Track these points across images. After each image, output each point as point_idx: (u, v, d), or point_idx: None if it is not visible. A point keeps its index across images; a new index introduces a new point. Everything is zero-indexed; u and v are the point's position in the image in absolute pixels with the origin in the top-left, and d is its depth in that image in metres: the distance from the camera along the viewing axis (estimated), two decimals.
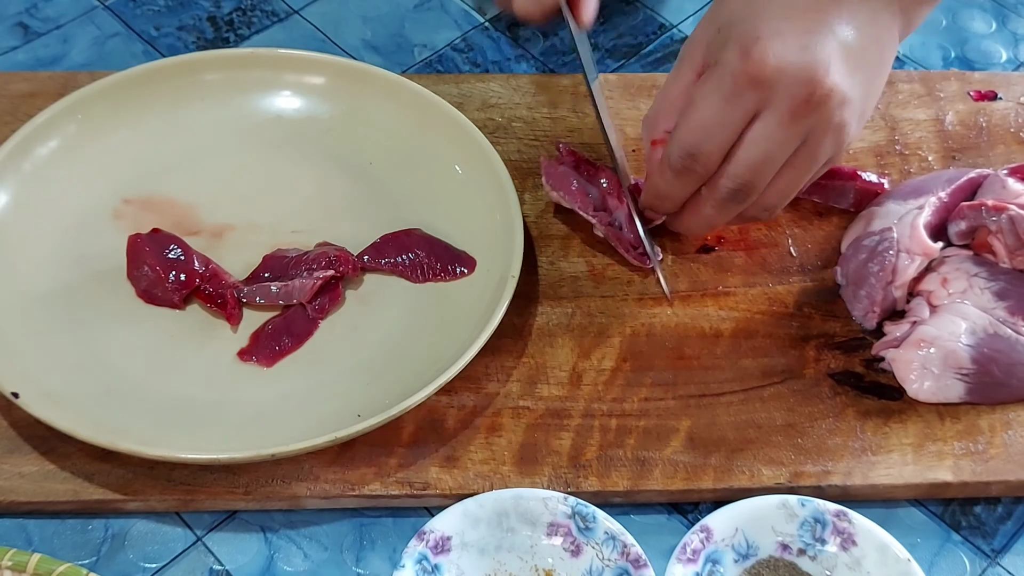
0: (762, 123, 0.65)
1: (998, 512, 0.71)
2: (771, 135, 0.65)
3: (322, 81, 0.84)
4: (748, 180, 0.67)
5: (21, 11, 0.94)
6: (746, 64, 0.63)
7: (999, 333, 0.71)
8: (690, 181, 0.69)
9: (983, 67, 0.95)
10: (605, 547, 0.66)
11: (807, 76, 0.63)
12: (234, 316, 0.73)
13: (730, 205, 0.69)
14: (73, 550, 0.66)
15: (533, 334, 0.75)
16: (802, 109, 0.63)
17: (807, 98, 0.63)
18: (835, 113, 0.65)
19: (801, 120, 0.64)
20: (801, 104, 0.63)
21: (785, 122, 0.64)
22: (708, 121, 0.65)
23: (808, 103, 0.63)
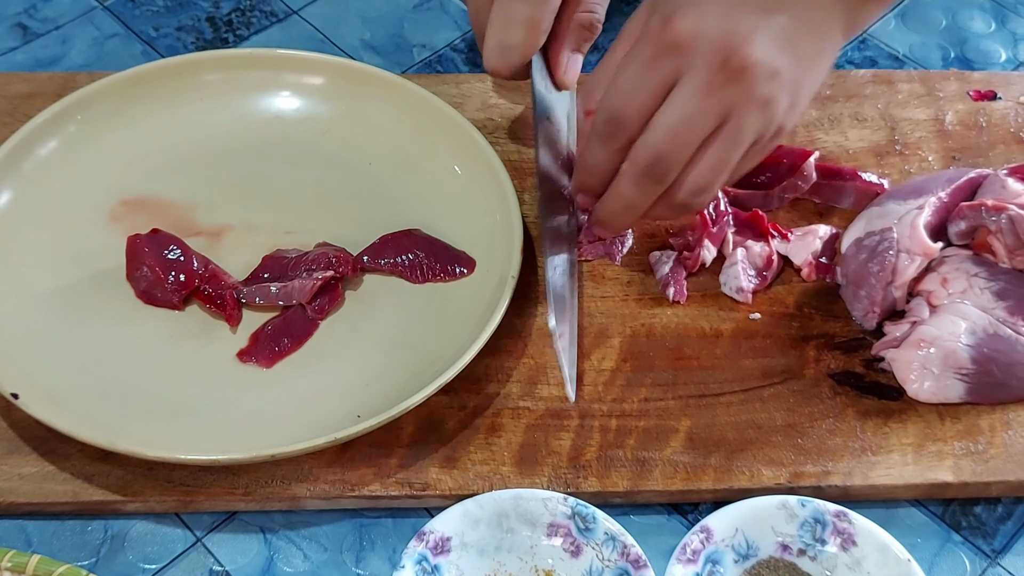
0: (680, 89, 0.63)
1: (998, 512, 0.71)
2: (687, 101, 0.63)
3: (321, 81, 0.83)
4: (665, 149, 0.64)
5: (20, 12, 0.94)
6: (666, 30, 0.63)
7: (999, 333, 0.71)
8: (613, 149, 0.67)
9: (983, 67, 0.95)
10: (605, 548, 0.66)
11: (724, 43, 0.62)
12: (233, 317, 0.72)
13: (648, 183, 0.66)
14: (73, 551, 0.66)
15: (533, 334, 0.74)
16: (719, 77, 0.62)
17: (723, 65, 0.62)
18: (760, 86, 0.63)
19: (719, 89, 0.62)
20: (718, 70, 0.62)
21: (701, 89, 0.63)
22: (629, 86, 0.65)
23: (724, 70, 0.62)
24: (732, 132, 0.64)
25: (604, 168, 0.68)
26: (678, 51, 0.63)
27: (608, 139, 0.67)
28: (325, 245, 0.76)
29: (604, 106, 0.66)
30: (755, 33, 0.62)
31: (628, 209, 0.69)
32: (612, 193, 0.69)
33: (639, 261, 0.78)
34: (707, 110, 0.63)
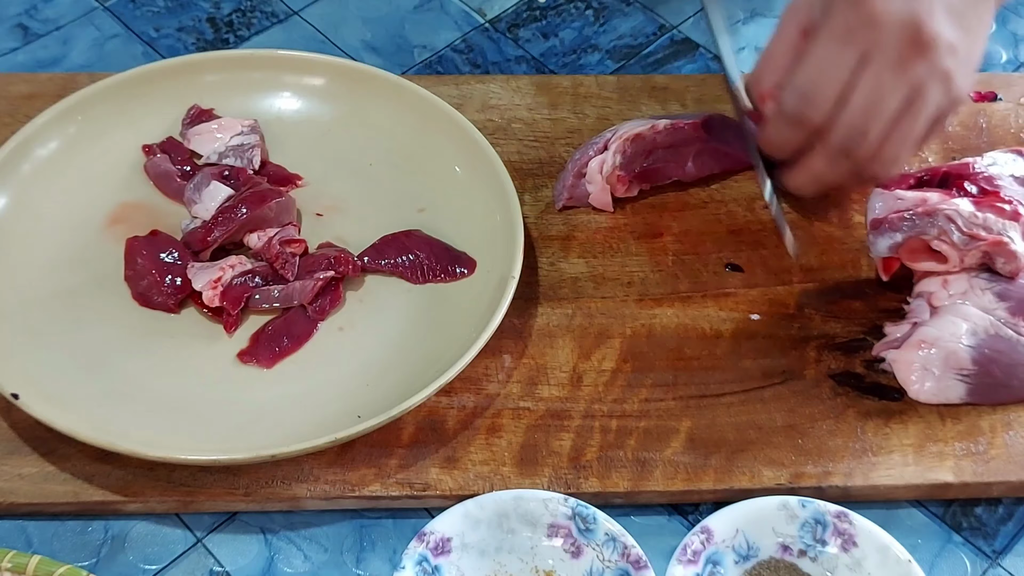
0: (872, 66, 0.67)
1: (999, 513, 0.71)
2: (880, 77, 0.67)
3: (322, 82, 0.83)
4: (859, 128, 0.68)
5: (21, 12, 0.94)
6: (856, 10, 0.67)
7: (1000, 334, 0.71)
8: (803, 128, 0.70)
9: (983, 68, 0.94)
10: (605, 548, 0.66)
11: (913, 19, 0.66)
12: (230, 322, 0.72)
13: (841, 157, 0.70)
14: (73, 552, 0.66)
15: (533, 335, 0.74)
16: (909, 51, 0.66)
17: (913, 39, 0.66)
18: (942, 59, 0.67)
19: (909, 64, 0.67)
20: (908, 46, 0.66)
21: (894, 64, 0.67)
22: (821, 65, 0.68)
23: (915, 45, 0.66)
24: (920, 105, 0.68)
25: (792, 144, 0.72)
26: (869, 28, 0.67)
27: (799, 119, 0.70)
28: (326, 245, 0.76)
29: (796, 86, 0.69)
30: (935, 9, 0.67)
31: (818, 181, 0.73)
32: (804, 168, 0.72)
33: (639, 262, 0.78)
34: (898, 84, 0.67)
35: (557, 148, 0.84)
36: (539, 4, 0.97)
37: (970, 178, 0.75)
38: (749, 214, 0.81)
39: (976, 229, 0.71)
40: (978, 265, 0.73)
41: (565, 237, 0.80)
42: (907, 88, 0.68)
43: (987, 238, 0.71)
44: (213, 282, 0.72)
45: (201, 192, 0.76)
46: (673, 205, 0.81)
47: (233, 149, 0.79)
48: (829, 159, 0.71)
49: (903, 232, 0.73)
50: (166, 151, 0.80)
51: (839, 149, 0.70)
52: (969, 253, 0.72)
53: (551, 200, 0.81)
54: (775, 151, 0.74)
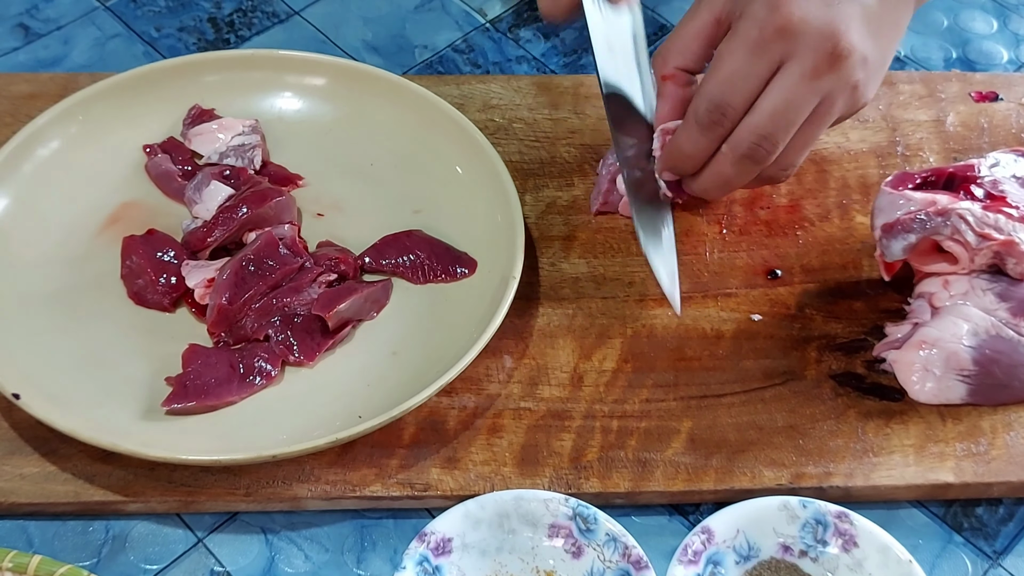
0: (785, 75, 0.66)
1: (1000, 513, 0.71)
2: (794, 87, 0.66)
3: (323, 82, 0.83)
4: (768, 133, 0.67)
5: (22, 12, 0.94)
6: (773, 16, 0.65)
7: (1001, 335, 0.71)
8: (715, 136, 0.69)
9: (984, 68, 0.95)
10: (606, 548, 0.66)
11: (830, 31, 0.65)
12: (218, 327, 0.72)
13: (748, 163, 0.69)
14: (74, 552, 0.66)
15: (534, 335, 0.74)
16: (824, 63, 0.65)
17: (830, 52, 0.65)
18: (854, 72, 0.67)
19: (822, 75, 0.66)
20: (823, 58, 0.65)
21: (807, 75, 0.66)
22: (735, 72, 0.67)
23: (830, 57, 0.65)
24: (824, 114, 0.68)
25: (701, 154, 0.71)
26: (785, 37, 0.65)
27: (711, 127, 0.69)
28: (327, 245, 0.76)
29: (709, 94, 0.68)
30: (853, 19, 0.66)
31: (725, 186, 0.72)
32: (710, 172, 0.71)
33: (640, 262, 0.78)
34: (810, 95, 0.66)
35: (558, 148, 0.84)
36: None
37: (975, 180, 0.74)
38: (749, 214, 0.81)
39: (988, 229, 0.71)
40: (987, 266, 0.73)
41: (566, 237, 0.80)
42: (817, 98, 0.67)
43: (999, 238, 0.71)
44: (207, 281, 0.72)
45: (201, 192, 0.76)
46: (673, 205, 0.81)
47: (234, 149, 0.80)
48: (736, 163, 0.69)
49: (916, 233, 0.72)
50: (167, 151, 0.80)
51: (746, 154, 0.68)
52: (980, 253, 0.72)
53: (552, 200, 0.81)
54: (685, 160, 0.71)
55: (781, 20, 0.65)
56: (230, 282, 0.71)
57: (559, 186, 0.82)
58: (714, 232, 0.80)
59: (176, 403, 0.68)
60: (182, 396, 0.68)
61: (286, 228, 0.75)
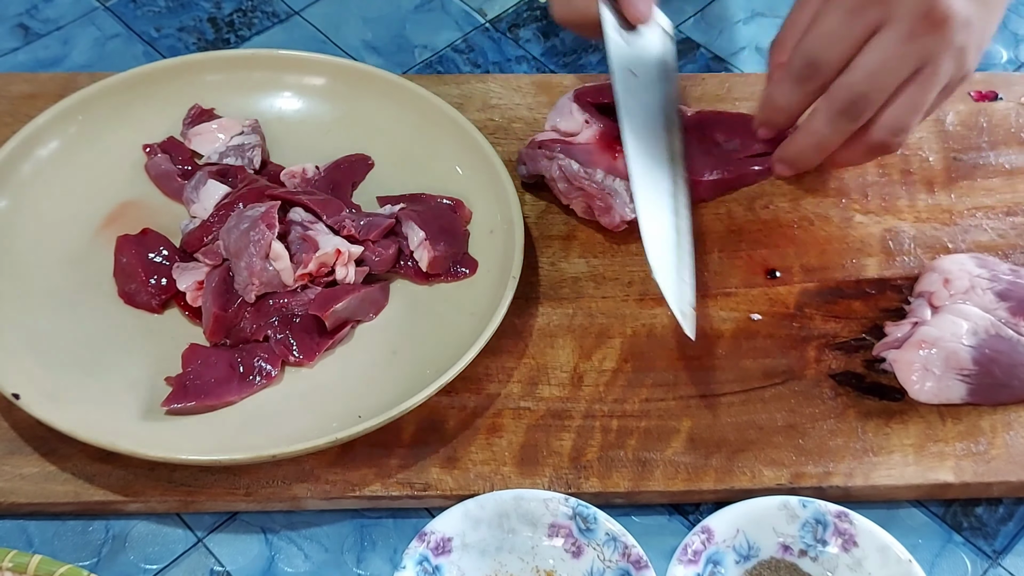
0: (882, 36, 0.66)
1: (999, 513, 0.71)
2: (889, 47, 0.66)
3: (323, 82, 0.83)
4: (863, 90, 0.67)
5: (21, 12, 0.94)
6: None
7: (1001, 334, 0.71)
8: (808, 91, 0.70)
9: (984, 67, 0.95)
10: (606, 548, 0.66)
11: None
12: (216, 333, 0.72)
13: (844, 120, 0.68)
14: (74, 551, 0.66)
15: (534, 335, 0.74)
16: (922, 26, 0.65)
17: (927, 14, 0.65)
18: (956, 35, 0.66)
19: (920, 37, 0.66)
20: (921, 20, 0.65)
21: (904, 37, 0.66)
22: (831, 31, 0.67)
23: (927, 19, 0.65)
24: (928, 76, 0.67)
25: (795, 108, 0.71)
26: (883, 1, 0.65)
27: (804, 81, 0.69)
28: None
29: (803, 48, 0.68)
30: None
31: (819, 146, 0.71)
32: (805, 130, 0.71)
33: (640, 261, 0.78)
34: (907, 56, 0.66)
35: None
36: (540, 4, 0.97)
37: None
38: (749, 213, 0.81)
39: (581, 182, 0.76)
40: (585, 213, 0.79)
41: (566, 237, 0.80)
42: (916, 60, 0.67)
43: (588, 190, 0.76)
44: (198, 283, 0.72)
45: (199, 191, 0.76)
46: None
47: (234, 149, 0.79)
48: (831, 120, 0.69)
49: (528, 165, 0.79)
50: (167, 151, 0.80)
51: (840, 110, 0.68)
52: (573, 200, 0.78)
53: (552, 200, 0.81)
54: (777, 113, 0.72)
55: None
56: (219, 290, 0.71)
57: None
58: (713, 231, 0.80)
59: (176, 403, 0.68)
60: (182, 396, 0.68)
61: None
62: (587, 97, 0.80)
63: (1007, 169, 0.85)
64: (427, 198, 0.78)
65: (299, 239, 0.73)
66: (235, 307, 0.71)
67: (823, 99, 0.69)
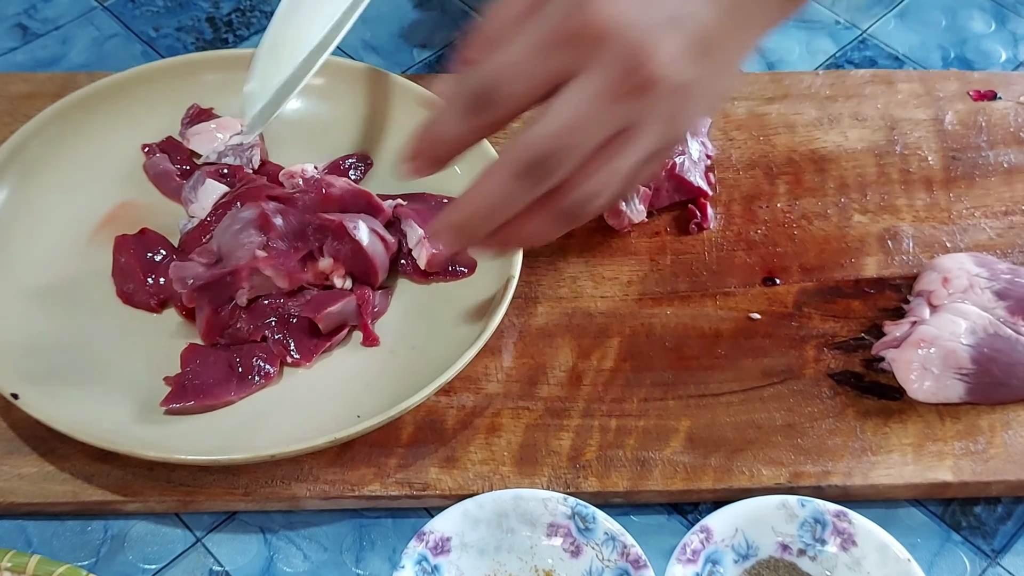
0: (576, 86, 0.54)
1: (998, 512, 0.71)
2: (583, 103, 0.54)
3: (322, 82, 0.83)
4: (554, 147, 0.54)
5: (20, 12, 0.94)
6: (574, 14, 0.54)
7: (999, 333, 0.71)
8: (476, 126, 0.57)
9: (982, 67, 0.95)
10: (605, 548, 0.66)
11: (637, 51, 0.53)
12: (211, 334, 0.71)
13: (527, 181, 0.55)
14: (72, 551, 0.66)
15: (532, 334, 0.74)
16: (624, 86, 0.53)
17: (631, 72, 0.53)
18: (664, 102, 0.55)
19: (621, 100, 0.54)
20: (624, 79, 0.53)
21: (604, 96, 0.54)
22: (516, 63, 0.55)
23: (628, 80, 0.53)
24: (631, 143, 0.56)
25: (455, 144, 0.58)
26: (582, 43, 0.53)
27: (474, 112, 0.56)
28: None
29: (479, 74, 0.56)
30: (670, 37, 0.54)
31: (495, 211, 0.57)
32: (476, 191, 0.57)
33: (639, 260, 0.78)
34: (605, 117, 0.55)
35: None
36: None
37: None
38: (747, 213, 0.81)
39: None
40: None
41: (565, 236, 0.79)
42: (614, 122, 0.55)
43: None
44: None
45: (197, 191, 0.76)
46: (673, 204, 0.81)
47: (232, 148, 0.79)
48: (512, 178, 0.56)
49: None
50: (165, 151, 0.80)
51: (526, 168, 0.55)
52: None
53: None
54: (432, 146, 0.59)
55: (581, 21, 0.53)
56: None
57: None
58: (712, 231, 0.80)
59: (175, 403, 0.68)
60: (181, 396, 0.68)
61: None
62: None
63: (1006, 168, 0.85)
64: (427, 197, 0.78)
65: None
66: (229, 308, 0.71)
67: (503, 153, 0.56)
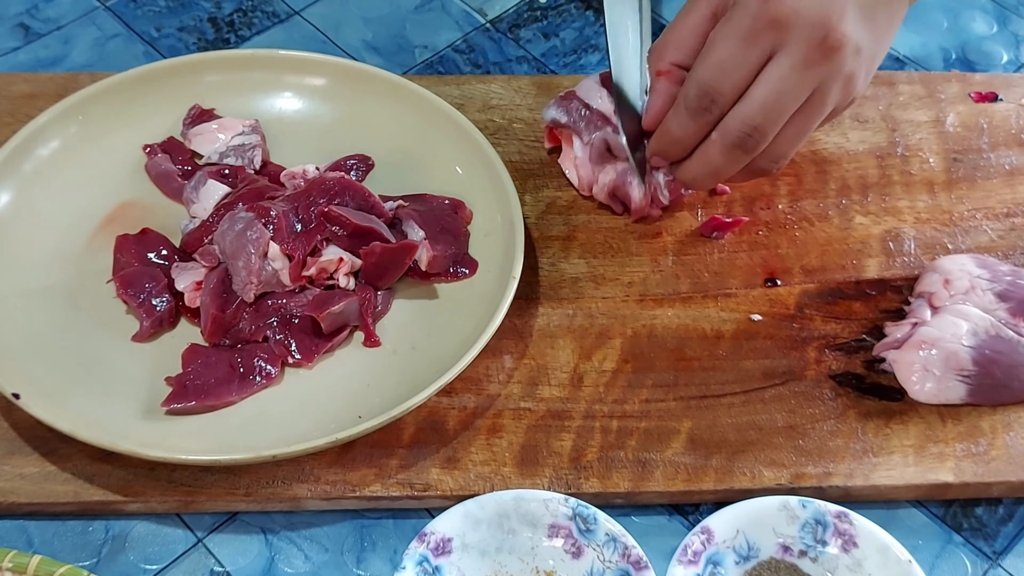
0: (776, 65, 0.66)
1: (999, 513, 0.71)
2: (785, 77, 0.66)
3: (323, 82, 0.83)
4: (759, 123, 0.67)
5: (22, 12, 0.94)
6: (766, 6, 0.65)
7: (1001, 335, 0.71)
8: (704, 122, 0.70)
9: (984, 68, 0.95)
10: (606, 549, 0.66)
11: (823, 20, 0.65)
12: (215, 334, 0.71)
13: (738, 152, 0.69)
14: (74, 551, 0.66)
15: (534, 335, 0.74)
16: (816, 53, 0.65)
17: (821, 41, 0.65)
18: (847, 62, 0.66)
19: (815, 65, 0.66)
20: (815, 48, 0.65)
21: (799, 65, 0.66)
22: (725, 61, 0.67)
23: (822, 47, 0.65)
24: (817, 105, 0.68)
25: (691, 139, 0.71)
26: (778, 28, 0.65)
27: (700, 112, 0.69)
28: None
29: (699, 80, 0.68)
30: (847, 8, 0.65)
31: (713, 175, 0.72)
32: (699, 159, 0.71)
33: (640, 262, 0.78)
34: (801, 85, 0.66)
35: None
36: (540, 4, 0.97)
37: None
38: (748, 214, 0.81)
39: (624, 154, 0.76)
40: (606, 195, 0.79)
41: (566, 237, 0.80)
42: (809, 89, 0.67)
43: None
44: (196, 284, 0.72)
45: (199, 191, 0.76)
46: (673, 205, 0.81)
47: (234, 149, 0.79)
48: (725, 152, 0.69)
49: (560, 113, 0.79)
50: (167, 151, 0.80)
51: (736, 142, 0.68)
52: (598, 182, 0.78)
53: (552, 200, 0.81)
54: (673, 145, 0.72)
55: (774, 11, 0.65)
56: (217, 291, 0.71)
57: (559, 186, 0.82)
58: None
59: (176, 403, 0.68)
60: (182, 396, 0.68)
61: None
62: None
63: (1007, 170, 0.85)
64: (428, 198, 0.78)
65: None
66: (233, 308, 0.71)
67: (717, 131, 0.69)
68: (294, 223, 0.72)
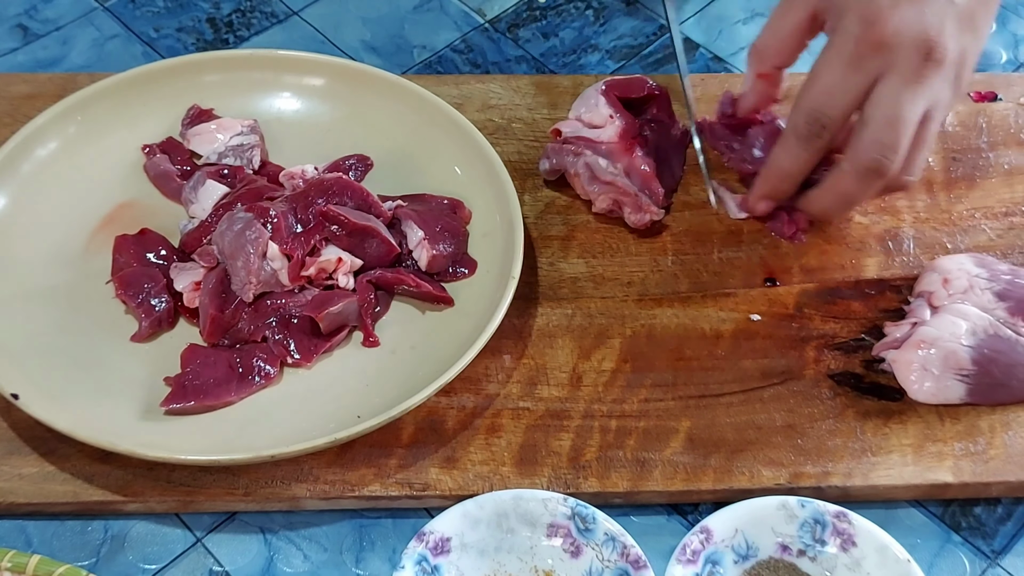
0: (888, 85, 0.67)
1: (998, 513, 0.71)
2: (900, 95, 0.67)
3: (322, 82, 0.84)
4: (890, 141, 0.68)
5: (21, 13, 0.94)
6: (868, 32, 0.67)
7: (999, 334, 0.71)
8: (814, 149, 0.71)
9: (983, 68, 0.95)
10: (605, 548, 0.66)
11: (924, 37, 0.67)
12: (214, 335, 0.71)
13: (872, 176, 0.70)
14: (73, 551, 0.66)
15: (533, 335, 0.74)
16: (924, 69, 0.67)
17: (926, 57, 0.67)
18: (952, 69, 0.68)
19: (925, 80, 0.67)
20: (921, 64, 0.67)
21: (910, 82, 0.67)
22: (832, 86, 0.69)
23: (928, 62, 0.67)
24: (935, 111, 0.69)
25: (803, 169, 0.73)
26: (882, 50, 0.67)
27: (811, 139, 0.71)
28: None
29: (807, 107, 0.70)
30: (946, 20, 0.67)
31: (847, 203, 0.74)
32: (830, 190, 0.73)
33: (639, 262, 0.78)
34: (917, 99, 0.68)
35: None
36: (539, 4, 0.97)
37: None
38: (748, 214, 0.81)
39: (609, 176, 0.76)
40: (607, 211, 0.79)
41: (565, 237, 0.80)
42: (926, 101, 0.68)
43: (620, 184, 0.76)
44: (195, 284, 0.72)
45: (197, 191, 0.76)
46: (673, 205, 0.81)
47: (233, 149, 0.80)
48: (858, 178, 0.70)
49: (550, 160, 0.80)
50: (166, 151, 0.80)
51: (868, 167, 0.69)
52: (599, 198, 0.78)
53: (551, 200, 0.81)
54: (784, 181, 0.74)
55: (876, 35, 0.67)
56: (216, 291, 0.71)
57: (558, 186, 0.82)
58: (714, 231, 0.80)
59: (175, 403, 0.68)
60: (181, 396, 0.68)
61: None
62: (616, 91, 0.80)
63: (1006, 169, 0.85)
64: (427, 198, 0.78)
65: None
66: (232, 308, 0.71)
67: (848, 159, 0.70)
68: (293, 223, 0.72)
